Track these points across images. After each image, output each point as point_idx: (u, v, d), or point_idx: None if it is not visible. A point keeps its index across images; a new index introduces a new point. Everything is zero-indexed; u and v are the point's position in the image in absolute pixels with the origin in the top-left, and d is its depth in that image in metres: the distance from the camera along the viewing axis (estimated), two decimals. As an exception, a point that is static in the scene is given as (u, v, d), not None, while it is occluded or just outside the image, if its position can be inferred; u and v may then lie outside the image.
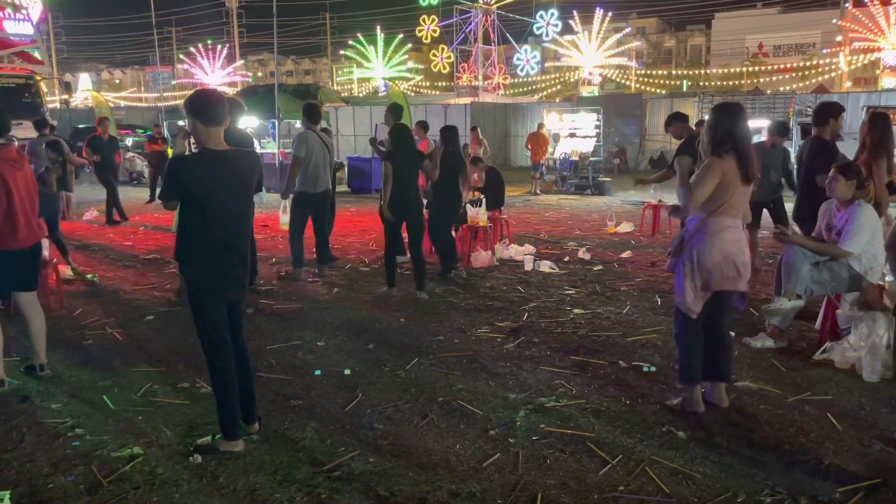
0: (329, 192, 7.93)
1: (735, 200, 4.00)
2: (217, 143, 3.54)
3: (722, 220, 3.99)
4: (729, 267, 4.01)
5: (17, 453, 3.72)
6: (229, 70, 55.03)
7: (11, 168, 4.67)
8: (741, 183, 3.98)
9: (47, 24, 51.07)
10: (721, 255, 3.98)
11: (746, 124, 4.10)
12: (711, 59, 56.73)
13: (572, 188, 17.87)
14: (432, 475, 3.47)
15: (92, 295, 7.24)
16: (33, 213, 4.80)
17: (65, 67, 60.59)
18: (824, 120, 6.01)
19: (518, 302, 6.81)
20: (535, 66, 46.51)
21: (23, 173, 4.76)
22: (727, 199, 3.96)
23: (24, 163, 4.80)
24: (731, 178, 3.95)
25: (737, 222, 4.06)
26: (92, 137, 12.65)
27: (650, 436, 3.90)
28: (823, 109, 6.12)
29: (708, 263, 4.00)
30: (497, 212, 9.69)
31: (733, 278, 4.06)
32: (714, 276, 4.02)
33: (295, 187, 7.68)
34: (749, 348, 5.32)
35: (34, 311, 4.92)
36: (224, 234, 3.55)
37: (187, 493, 3.33)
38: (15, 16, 17.59)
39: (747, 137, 4.10)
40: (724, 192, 3.95)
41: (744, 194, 4.05)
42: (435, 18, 46.79)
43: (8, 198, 4.60)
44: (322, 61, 70.63)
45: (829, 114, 6.01)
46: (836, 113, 6.03)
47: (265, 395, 4.39)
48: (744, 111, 4.11)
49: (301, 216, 7.77)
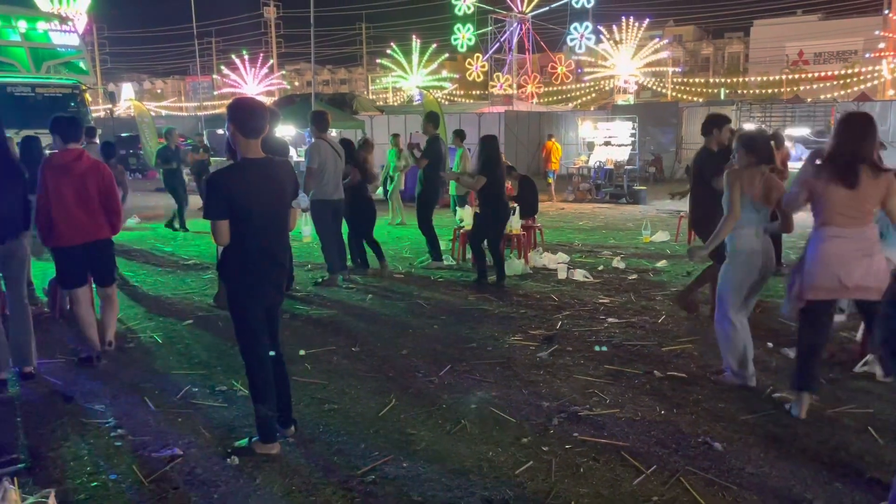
0: (343, 199, 7.98)
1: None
2: (256, 152, 3.61)
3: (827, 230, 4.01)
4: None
5: (63, 452, 3.83)
6: (268, 80, 55.89)
7: (57, 173, 4.89)
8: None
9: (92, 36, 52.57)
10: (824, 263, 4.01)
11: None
12: (750, 66, 55.98)
13: (606, 197, 17.77)
14: (465, 481, 3.49)
15: (133, 299, 7.41)
16: (87, 212, 5.05)
17: (108, 77, 62.19)
18: (709, 131, 6.21)
19: (551, 310, 6.80)
20: (583, 45, 45.62)
21: (70, 178, 4.94)
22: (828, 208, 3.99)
23: (77, 168, 5.01)
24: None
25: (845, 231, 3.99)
26: (161, 148, 12.84)
27: (685, 446, 3.86)
28: (709, 121, 6.29)
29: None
30: (530, 220, 9.69)
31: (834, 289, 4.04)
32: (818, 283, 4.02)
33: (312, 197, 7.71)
34: (788, 359, 5.24)
35: (107, 304, 5.51)
36: (263, 241, 3.62)
37: (226, 493, 3.40)
38: (62, 27, 18.07)
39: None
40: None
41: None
42: (470, 27, 46.98)
43: (48, 199, 4.90)
44: (357, 71, 71.37)
45: (714, 125, 6.19)
46: (721, 124, 6.19)
47: (300, 399, 4.46)
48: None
49: (325, 222, 7.84)
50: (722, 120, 6.28)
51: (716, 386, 4.75)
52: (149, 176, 24.65)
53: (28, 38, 17.20)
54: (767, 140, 4.86)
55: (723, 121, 6.27)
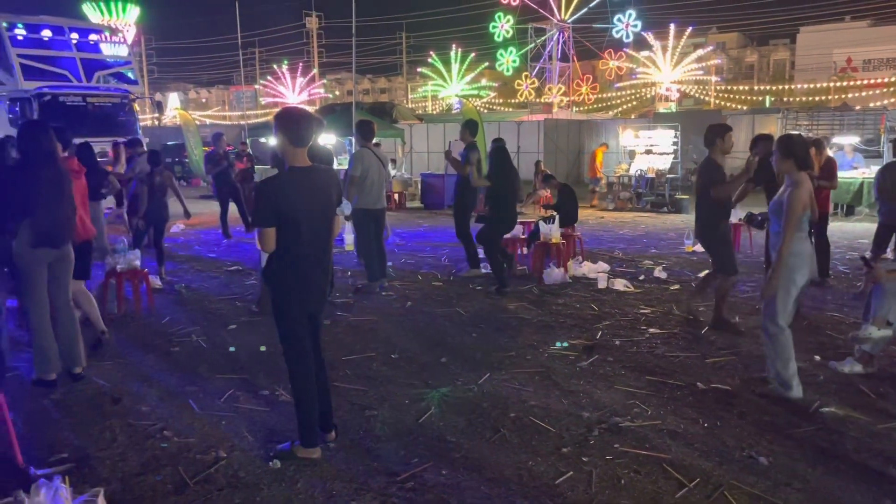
0: (385, 208, 8.03)
1: None
2: (302, 160, 3.68)
3: None
4: None
5: (111, 452, 3.93)
6: (310, 89, 56.66)
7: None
8: None
9: (140, 47, 53.98)
10: None
11: None
12: (796, 73, 54.82)
13: (647, 205, 17.57)
14: (505, 490, 3.48)
15: (178, 304, 7.57)
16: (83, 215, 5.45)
17: (155, 87, 63.75)
18: (711, 141, 6.26)
19: (591, 320, 6.75)
20: (630, 34, 45.08)
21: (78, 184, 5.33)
22: None
23: (80, 175, 5.43)
24: None
25: None
26: (210, 154, 13.02)
27: (729, 460, 3.80)
28: (711, 131, 6.33)
29: None
30: (570, 228, 9.64)
31: None
32: None
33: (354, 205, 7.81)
34: (836, 373, 5.12)
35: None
36: (309, 247, 3.67)
37: (268, 497, 3.44)
38: (112, 39, 18.60)
39: None
40: None
41: None
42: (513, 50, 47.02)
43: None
44: (397, 79, 71.92)
45: (717, 134, 6.24)
46: (723, 133, 6.23)
47: (341, 405, 4.50)
48: None
49: (366, 231, 7.91)
50: (723, 129, 6.34)
51: (761, 399, 4.66)
52: (193, 183, 25.14)
53: (80, 50, 17.74)
54: (806, 144, 4.79)
55: (724, 129, 6.33)
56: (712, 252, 6.48)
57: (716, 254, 6.41)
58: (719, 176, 6.19)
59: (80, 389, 4.91)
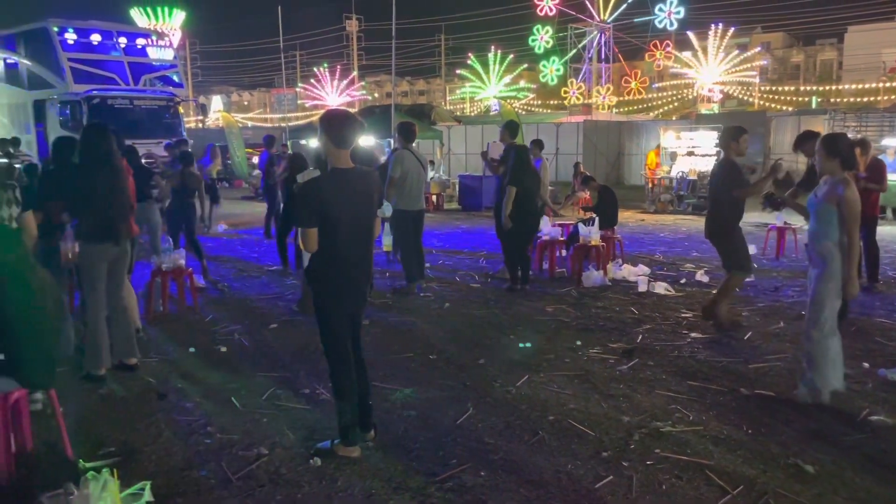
0: (424, 209, 8.06)
1: None
2: (346, 162, 3.72)
3: None
4: None
5: (156, 447, 4.02)
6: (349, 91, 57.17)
7: None
8: None
9: (185, 50, 55.10)
10: None
11: None
12: (843, 74, 53.46)
13: (689, 208, 17.31)
14: (543, 493, 3.47)
15: (221, 303, 7.70)
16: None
17: (199, 90, 65.01)
18: (726, 143, 6.33)
19: (631, 323, 6.68)
20: (674, 22, 44.43)
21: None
22: None
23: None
24: None
25: None
26: (268, 156, 12.95)
27: (774, 467, 3.72)
28: (726, 132, 6.45)
29: None
30: (610, 231, 9.55)
31: None
32: None
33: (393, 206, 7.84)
34: (885, 380, 4.98)
35: None
36: (351, 249, 3.72)
37: (308, 494, 3.49)
38: (158, 43, 19.07)
39: None
40: None
41: None
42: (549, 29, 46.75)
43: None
44: (436, 82, 72.10)
45: (732, 137, 6.29)
46: (738, 135, 6.26)
47: (380, 405, 4.53)
48: None
49: (405, 232, 7.95)
50: (738, 131, 6.33)
51: (806, 406, 4.56)
52: (236, 185, 25.54)
53: (128, 54, 18.20)
54: (850, 144, 4.67)
55: (739, 132, 6.31)
56: (726, 251, 6.47)
57: (730, 252, 6.40)
58: (742, 177, 6.25)
59: (127, 385, 5.03)
